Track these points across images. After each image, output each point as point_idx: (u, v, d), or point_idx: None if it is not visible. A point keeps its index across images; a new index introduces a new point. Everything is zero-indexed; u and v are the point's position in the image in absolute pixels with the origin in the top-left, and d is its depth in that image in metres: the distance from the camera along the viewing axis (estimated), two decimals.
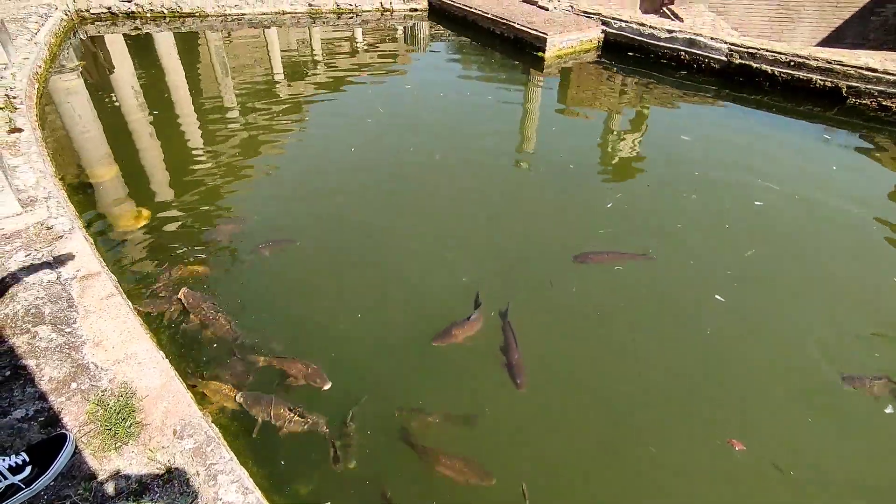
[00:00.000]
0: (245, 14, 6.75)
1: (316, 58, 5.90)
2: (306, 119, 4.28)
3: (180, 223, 2.87)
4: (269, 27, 6.65)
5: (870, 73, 4.22)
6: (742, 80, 4.76)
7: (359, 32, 6.53)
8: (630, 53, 5.27)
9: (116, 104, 4.59)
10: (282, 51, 6.20)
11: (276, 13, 6.75)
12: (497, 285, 2.42)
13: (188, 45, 6.37)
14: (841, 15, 7.23)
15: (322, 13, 6.78)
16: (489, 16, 5.64)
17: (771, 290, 2.47)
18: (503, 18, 5.47)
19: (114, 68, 5.54)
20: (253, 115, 4.32)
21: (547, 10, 5.68)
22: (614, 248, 2.66)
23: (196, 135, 4.02)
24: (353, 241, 2.77)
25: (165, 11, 6.73)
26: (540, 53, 5.06)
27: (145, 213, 2.92)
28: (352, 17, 6.76)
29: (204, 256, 2.59)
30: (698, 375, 2.04)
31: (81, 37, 6.30)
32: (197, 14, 6.72)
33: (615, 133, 4.17)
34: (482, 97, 4.64)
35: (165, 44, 6.31)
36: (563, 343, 2.19)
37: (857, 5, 7.08)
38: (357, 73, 5.20)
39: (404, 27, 6.67)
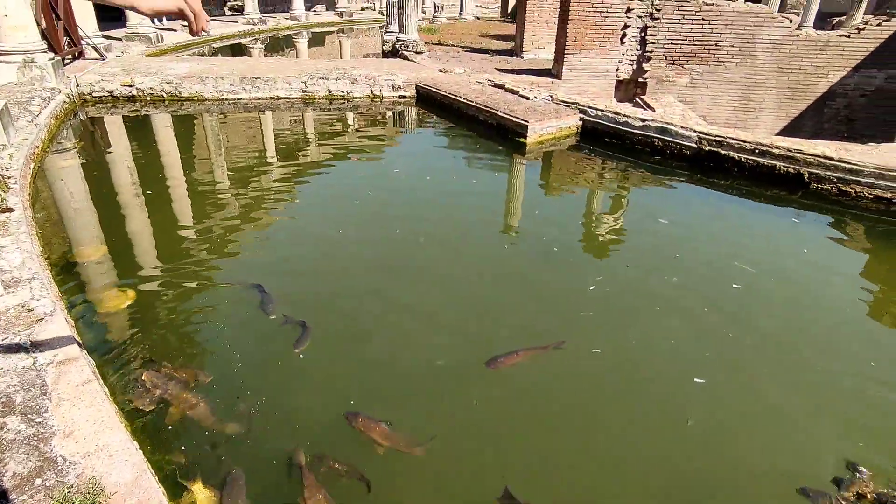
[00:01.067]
0: (241, 98, 7.10)
1: (308, 138, 6.16)
2: (296, 199, 4.40)
3: (166, 303, 2.86)
4: (263, 111, 6.98)
5: (827, 160, 4.52)
6: (712, 166, 5.05)
7: (350, 116, 6.87)
8: (607, 140, 5.59)
9: (110, 183, 4.69)
10: (275, 130, 6.47)
11: (272, 98, 7.11)
12: (474, 374, 2.42)
13: (184, 126, 6.62)
14: (798, 106, 7.81)
15: (315, 99, 7.16)
16: (473, 104, 6.00)
17: (751, 376, 2.50)
18: (486, 106, 5.82)
19: (110, 147, 5.71)
20: (244, 194, 4.43)
21: (528, 98, 6.07)
22: (530, 345, 2.59)
23: (187, 214, 4.09)
24: (333, 323, 2.77)
25: (165, 95, 7.05)
26: (522, 139, 5.35)
27: (131, 293, 2.91)
28: (343, 103, 7.13)
29: (185, 337, 2.57)
30: (682, 468, 2.01)
31: (81, 117, 6.53)
32: (195, 98, 7.05)
33: (596, 215, 4.33)
34: (467, 181, 4.84)
35: (162, 125, 6.56)
36: (542, 440, 2.16)
37: (811, 98, 7.69)
38: (347, 155, 5.42)
39: (393, 112, 7.04)
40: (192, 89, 7.08)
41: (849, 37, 7.48)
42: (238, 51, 13.73)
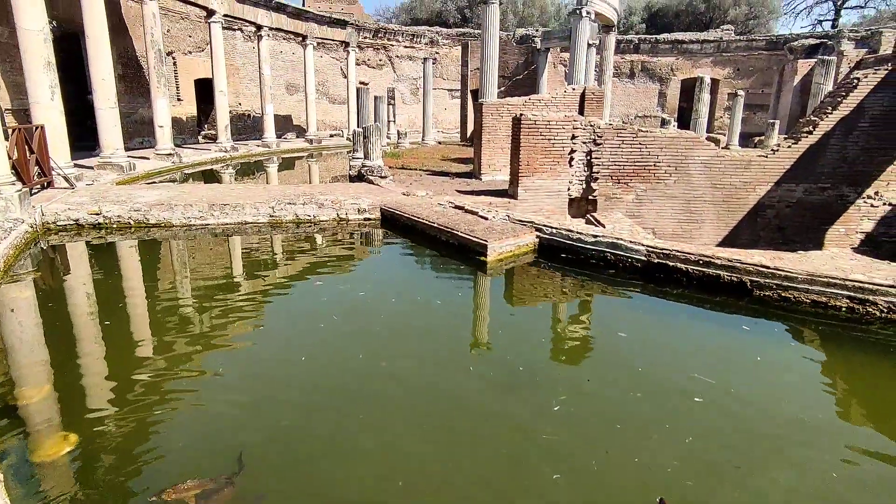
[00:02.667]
0: (209, 224, 7.26)
1: (274, 262, 6.26)
2: (260, 326, 4.37)
3: (112, 446, 2.68)
4: (231, 236, 7.12)
5: (764, 269, 4.86)
6: (662, 277, 5.33)
7: (317, 239, 7.07)
8: (563, 255, 5.89)
9: (66, 313, 4.58)
10: (241, 255, 6.56)
11: (239, 223, 7.30)
12: None
13: (150, 252, 6.66)
14: (734, 217, 8.50)
15: (283, 223, 7.39)
16: (435, 225, 6.31)
17: (721, 497, 2.47)
18: (447, 227, 6.13)
19: (69, 276, 5.64)
20: (207, 321, 4.38)
21: (487, 219, 6.43)
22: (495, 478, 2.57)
23: (147, 345, 3.98)
24: (293, 459, 2.65)
25: (132, 223, 7.15)
26: (482, 258, 5.59)
27: (72, 437, 2.74)
28: (310, 227, 7.37)
29: (129, 493, 2.39)
30: None
31: (42, 246, 6.50)
32: (163, 225, 7.17)
33: (558, 331, 4.44)
34: (431, 301, 4.95)
35: (127, 252, 6.59)
36: None
37: (744, 210, 8.41)
38: (313, 278, 5.50)
39: (359, 234, 7.30)
40: (160, 216, 7.22)
41: (766, 156, 8.41)
42: (210, 177, 14.25)
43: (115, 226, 7.10)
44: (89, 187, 9.12)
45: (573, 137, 8.03)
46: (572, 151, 8.09)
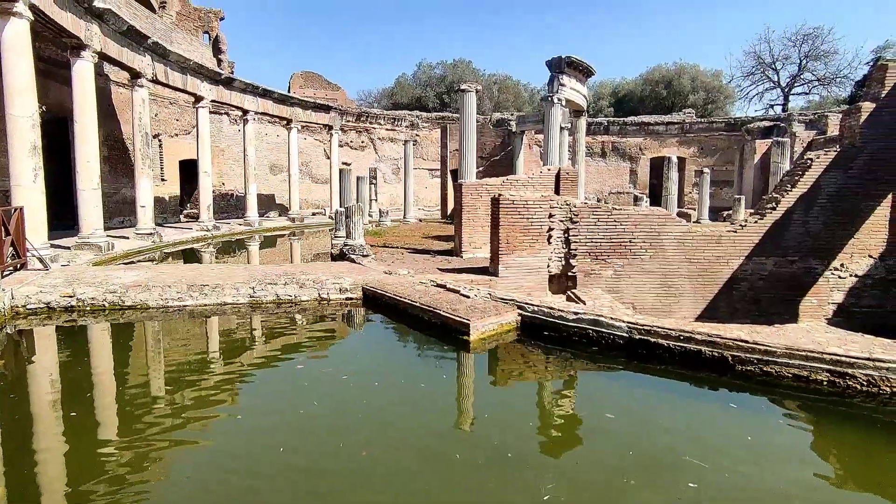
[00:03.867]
0: (187, 305, 7.13)
1: (254, 345, 6.11)
2: (237, 413, 4.19)
3: None
4: (209, 317, 6.98)
5: (743, 343, 4.91)
6: (645, 353, 5.34)
7: (297, 320, 6.97)
8: (546, 333, 5.89)
9: (28, 404, 4.34)
10: (220, 337, 6.41)
11: (218, 304, 7.19)
12: None
13: (123, 335, 6.46)
14: (711, 290, 8.69)
15: (263, 304, 7.29)
16: (417, 304, 6.30)
17: None
18: (430, 306, 6.12)
19: (35, 363, 5.40)
20: (182, 406, 4.18)
21: (468, 297, 6.46)
22: None
23: (113, 440, 3.76)
24: None
25: (106, 305, 6.99)
26: (465, 337, 5.55)
27: None
28: (291, 307, 7.29)
29: None
30: None
31: (8, 331, 6.26)
32: (138, 307, 7.02)
33: (545, 412, 4.35)
34: (415, 384, 4.84)
35: (99, 335, 6.38)
36: None
37: (720, 283, 8.63)
38: (294, 360, 5.36)
39: (341, 314, 7.22)
40: (136, 298, 7.08)
41: (736, 231, 8.76)
42: (190, 256, 14.18)
43: (88, 308, 6.92)
44: (64, 268, 8.97)
45: (551, 216, 8.30)
46: (550, 229, 8.33)
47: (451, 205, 20.70)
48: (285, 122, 23.64)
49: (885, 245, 8.60)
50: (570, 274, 8.39)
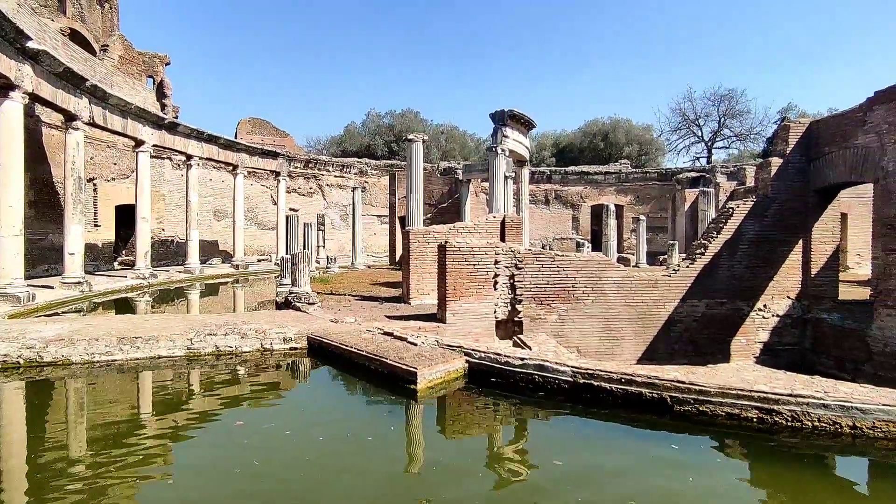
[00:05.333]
0: (116, 360, 6.69)
1: (190, 400, 5.77)
2: (169, 478, 3.90)
3: None
4: (141, 371, 6.56)
5: (680, 384, 5.12)
6: (589, 397, 5.45)
7: (238, 373, 6.66)
8: (493, 379, 5.92)
9: None
10: (153, 392, 6.03)
11: (152, 358, 6.79)
12: None
13: (41, 394, 5.95)
14: (650, 332, 9.06)
15: (201, 356, 6.95)
16: (364, 353, 6.21)
17: None
18: (376, 355, 6.04)
19: None
20: (105, 467, 3.86)
21: (416, 344, 6.43)
22: None
23: None
24: None
25: (22, 362, 6.44)
26: (413, 386, 5.49)
27: None
28: (232, 359, 6.98)
29: None
30: None
31: None
32: (60, 363, 6.51)
33: (494, 462, 4.32)
34: (362, 437, 4.70)
35: (10, 395, 5.85)
36: None
37: (658, 325, 9.02)
38: (234, 417, 5.10)
39: (285, 365, 6.98)
40: (57, 353, 6.58)
41: (670, 276, 9.25)
42: (124, 306, 13.37)
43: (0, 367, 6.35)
44: None
45: (496, 262, 8.50)
46: (496, 275, 8.51)
47: (399, 251, 20.75)
48: (231, 167, 23.28)
49: (800, 286, 9.32)
50: (516, 319, 8.53)
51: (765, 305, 9.31)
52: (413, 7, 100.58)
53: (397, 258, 20.92)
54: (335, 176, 31.69)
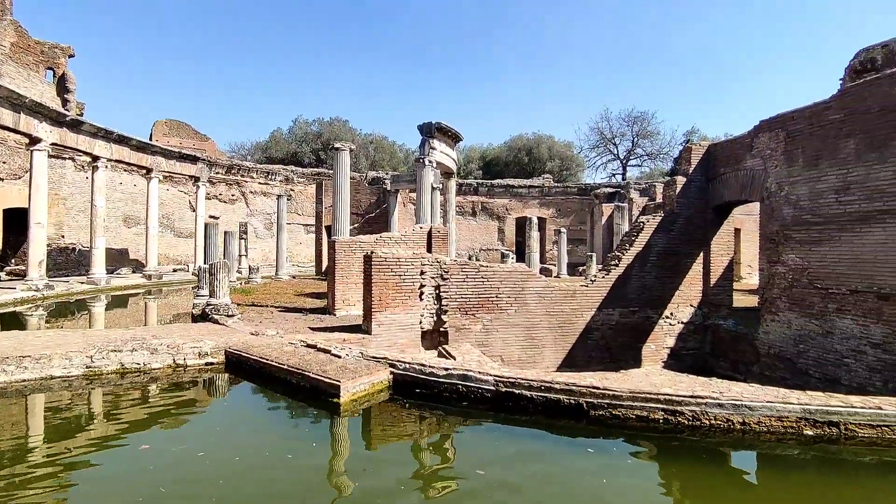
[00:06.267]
0: None
1: (91, 420, 5.30)
2: None
3: None
4: (30, 394, 5.94)
5: (595, 390, 5.41)
6: (511, 405, 5.61)
7: (148, 391, 6.21)
8: (418, 390, 5.94)
9: None
10: (45, 414, 5.48)
11: (43, 379, 6.17)
12: None
13: None
14: (569, 340, 9.48)
15: (103, 374, 6.41)
16: (285, 367, 6.02)
17: None
18: (298, 368, 5.88)
19: None
20: None
21: (340, 357, 6.32)
22: None
23: None
24: None
25: None
26: (335, 399, 5.39)
27: None
28: (139, 377, 6.49)
29: None
30: None
31: None
32: None
33: (419, 475, 4.32)
34: (282, 455, 4.54)
35: None
36: None
37: (577, 333, 9.46)
38: (138, 439, 4.75)
39: (200, 382, 6.61)
40: None
41: (587, 286, 9.75)
42: (12, 321, 12.05)
43: None
44: None
45: (422, 273, 8.56)
46: (422, 286, 8.57)
47: (325, 261, 20.34)
48: (145, 171, 21.79)
49: (701, 295, 10.17)
50: (441, 329, 8.63)
51: (671, 313, 10.05)
52: (344, 14, 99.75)
53: (324, 268, 20.48)
54: (259, 183, 30.54)
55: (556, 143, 43.63)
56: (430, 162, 16.52)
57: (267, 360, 6.33)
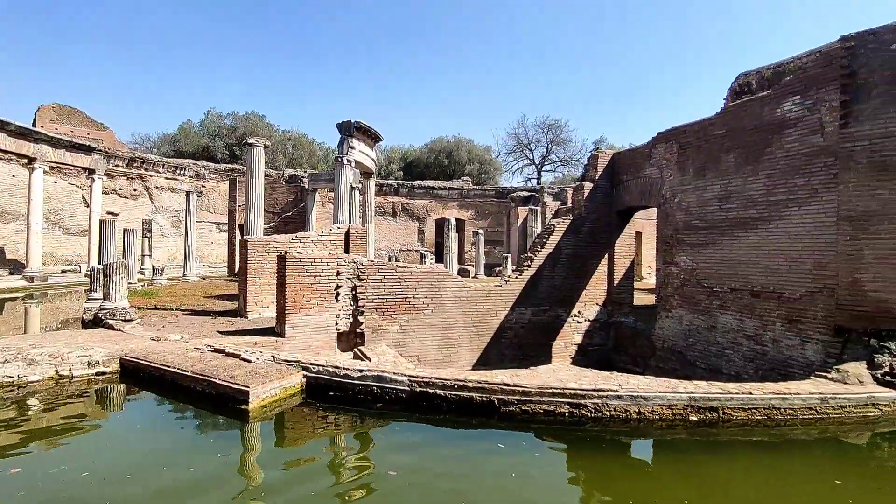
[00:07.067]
0: None
1: None
2: None
3: None
4: None
5: (506, 387, 5.61)
6: (426, 405, 5.68)
7: (25, 407, 5.57)
8: (332, 393, 5.85)
9: None
10: None
11: None
12: None
13: None
14: (484, 339, 9.74)
15: None
16: (189, 373, 5.69)
17: None
18: (204, 375, 5.58)
19: None
20: None
21: (249, 361, 6.07)
22: None
23: None
24: None
25: None
26: (244, 406, 5.17)
27: None
28: (13, 391, 5.82)
29: None
30: None
31: None
32: None
33: (333, 481, 4.26)
34: (182, 469, 4.27)
35: None
36: None
37: (491, 332, 9.75)
38: (5, 463, 4.26)
39: (89, 394, 6.05)
40: None
41: (501, 286, 10.07)
42: None
43: None
44: None
45: (338, 274, 8.43)
46: (338, 287, 8.43)
47: (238, 262, 19.39)
48: (27, 160, 19.56)
49: (605, 294, 10.85)
50: (358, 331, 8.54)
51: (579, 312, 10.64)
52: (264, 6, 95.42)
53: (237, 269, 19.52)
54: (166, 178, 28.46)
55: (475, 146, 44.57)
56: (349, 161, 16.27)
57: (168, 366, 5.94)
